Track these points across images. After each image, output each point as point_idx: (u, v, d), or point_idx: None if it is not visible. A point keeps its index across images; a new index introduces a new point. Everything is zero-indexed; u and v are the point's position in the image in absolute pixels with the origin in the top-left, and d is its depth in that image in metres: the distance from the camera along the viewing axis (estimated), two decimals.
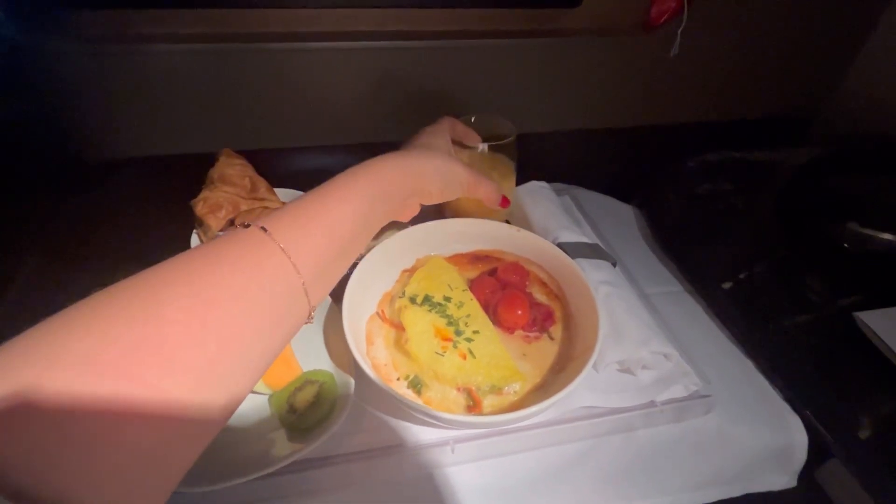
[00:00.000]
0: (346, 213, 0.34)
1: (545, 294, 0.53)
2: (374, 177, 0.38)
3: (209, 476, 0.36)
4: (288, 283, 0.29)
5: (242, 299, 0.25)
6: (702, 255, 0.64)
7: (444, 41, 0.63)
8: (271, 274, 0.28)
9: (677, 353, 0.48)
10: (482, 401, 0.42)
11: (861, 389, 0.49)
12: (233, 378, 0.25)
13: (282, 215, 0.31)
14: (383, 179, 0.38)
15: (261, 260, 0.27)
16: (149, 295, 0.23)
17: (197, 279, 0.25)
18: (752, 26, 0.76)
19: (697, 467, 0.46)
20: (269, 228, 0.29)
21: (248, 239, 0.28)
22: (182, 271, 0.25)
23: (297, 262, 0.29)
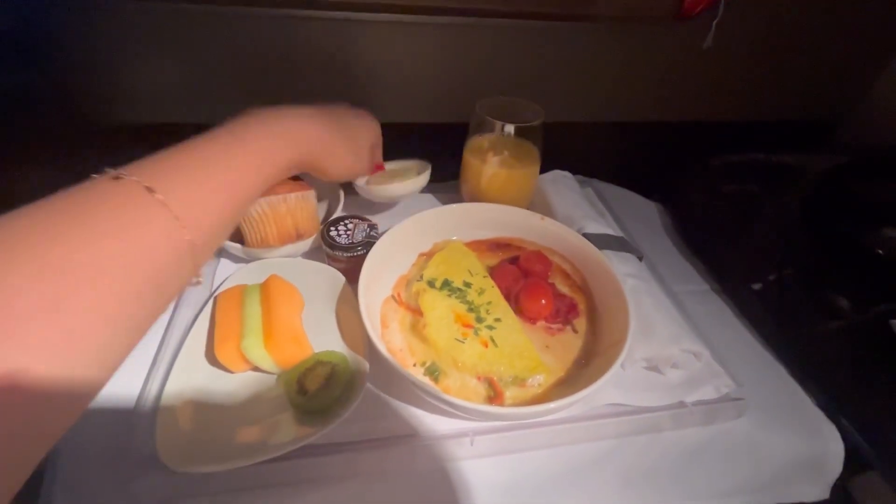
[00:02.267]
0: (251, 173, 0.33)
1: (568, 286, 0.51)
2: (295, 142, 0.38)
3: (211, 457, 0.34)
4: (173, 248, 0.26)
5: (115, 266, 0.22)
6: (729, 254, 0.62)
7: (472, 18, 0.61)
8: (153, 239, 0.25)
9: (708, 352, 0.46)
10: (504, 392, 0.40)
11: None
12: (101, 350, 0.23)
13: (172, 167, 0.28)
14: (302, 146, 0.39)
15: (141, 224, 0.24)
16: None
17: (58, 242, 0.21)
18: (786, 24, 0.74)
19: (725, 474, 0.44)
20: (156, 185, 0.25)
21: (127, 197, 0.25)
22: (41, 229, 0.21)
23: (189, 224, 0.26)
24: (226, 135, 0.34)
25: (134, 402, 0.39)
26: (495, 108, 0.54)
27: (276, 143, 0.36)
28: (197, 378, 0.40)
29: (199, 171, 0.29)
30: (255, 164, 0.34)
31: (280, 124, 0.37)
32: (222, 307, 0.43)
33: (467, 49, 0.65)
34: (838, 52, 0.78)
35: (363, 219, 0.52)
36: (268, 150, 0.35)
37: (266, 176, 0.35)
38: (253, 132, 0.35)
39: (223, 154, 0.32)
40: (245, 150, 0.34)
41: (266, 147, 0.35)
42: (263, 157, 0.35)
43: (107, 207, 0.24)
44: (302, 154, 0.39)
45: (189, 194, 0.28)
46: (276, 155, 0.36)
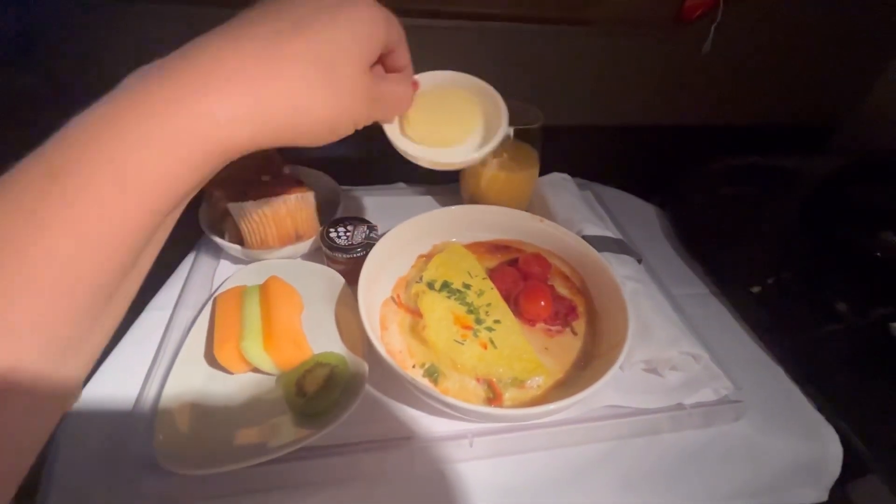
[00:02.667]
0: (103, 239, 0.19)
1: (567, 288, 0.51)
2: (208, 135, 0.21)
3: (209, 459, 0.34)
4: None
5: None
6: (728, 258, 0.62)
7: (471, 22, 0.61)
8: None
9: (707, 354, 0.46)
10: (503, 393, 0.40)
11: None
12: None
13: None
14: (225, 138, 0.21)
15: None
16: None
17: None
18: (785, 29, 0.74)
19: (724, 476, 0.44)
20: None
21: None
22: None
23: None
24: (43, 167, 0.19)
25: (132, 403, 0.39)
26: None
27: (163, 161, 0.20)
28: (196, 379, 0.40)
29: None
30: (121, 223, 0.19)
31: (188, 118, 0.20)
32: (222, 308, 0.43)
33: (467, 52, 0.65)
34: (836, 57, 0.79)
35: (362, 220, 0.52)
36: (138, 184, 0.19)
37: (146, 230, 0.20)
38: (109, 146, 0.19)
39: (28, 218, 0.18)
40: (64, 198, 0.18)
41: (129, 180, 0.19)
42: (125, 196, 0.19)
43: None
44: (239, 150, 0.22)
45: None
46: (165, 182, 0.20)
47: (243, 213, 0.47)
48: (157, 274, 0.51)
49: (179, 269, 0.53)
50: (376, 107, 0.29)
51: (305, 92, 0.23)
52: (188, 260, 0.54)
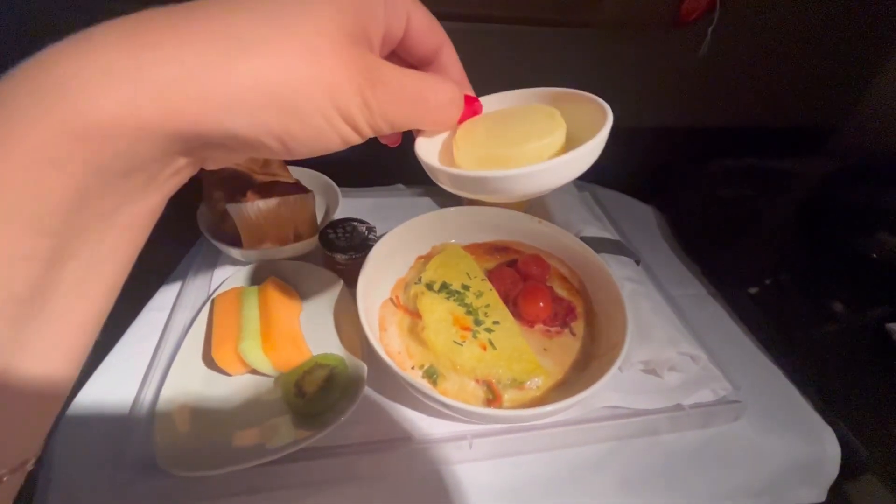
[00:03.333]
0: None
1: (566, 289, 0.51)
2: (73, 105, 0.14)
3: (208, 460, 0.34)
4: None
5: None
6: (726, 259, 0.62)
7: (469, 24, 0.61)
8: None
9: (706, 355, 0.46)
10: (503, 395, 0.40)
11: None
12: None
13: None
14: (128, 123, 0.15)
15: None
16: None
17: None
18: (781, 31, 0.75)
19: (723, 477, 0.44)
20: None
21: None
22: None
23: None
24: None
25: (130, 405, 0.39)
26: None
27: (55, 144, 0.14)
28: (194, 381, 0.40)
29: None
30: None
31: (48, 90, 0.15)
32: (220, 309, 0.43)
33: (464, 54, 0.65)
34: (832, 60, 0.79)
35: (361, 221, 0.52)
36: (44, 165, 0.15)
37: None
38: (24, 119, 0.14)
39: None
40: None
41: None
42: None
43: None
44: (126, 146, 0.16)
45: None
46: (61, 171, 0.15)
47: (242, 214, 0.47)
48: (156, 275, 0.51)
49: (178, 270, 0.53)
50: (381, 92, 0.19)
51: (222, 47, 0.16)
52: (186, 261, 0.54)
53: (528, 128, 0.25)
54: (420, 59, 0.24)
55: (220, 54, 0.16)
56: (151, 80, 0.15)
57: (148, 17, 0.16)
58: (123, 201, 0.17)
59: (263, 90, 0.17)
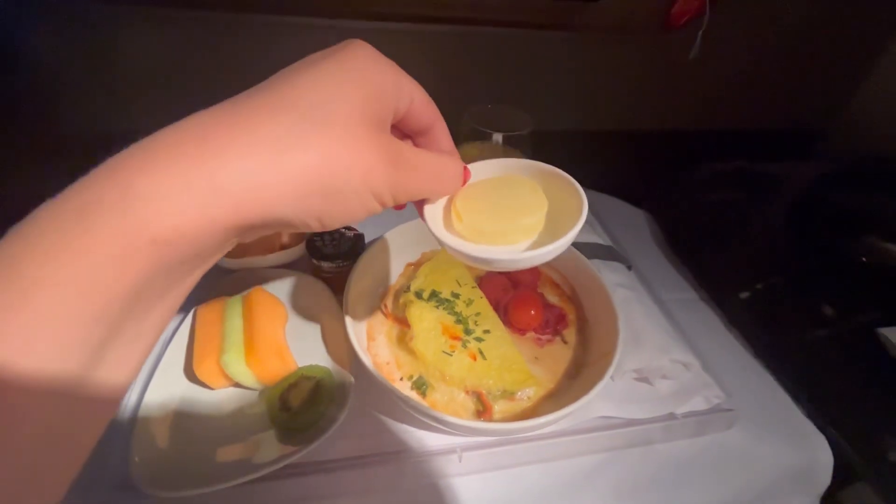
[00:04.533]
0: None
1: (557, 296, 0.50)
2: (138, 221, 0.16)
3: (189, 479, 0.32)
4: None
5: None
6: (717, 263, 0.62)
7: (461, 27, 0.61)
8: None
9: (698, 362, 0.45)
10: (493, 406, 0.39)
11: (889, 409, 0.46)
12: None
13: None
14: (157, 223, 0.17)
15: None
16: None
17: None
18: (771, 35, 0.75)
19: (716, 486, 0.43)
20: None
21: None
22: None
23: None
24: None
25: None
26: (484, 117, 0.54)
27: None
28: (175, 395, 0.38)
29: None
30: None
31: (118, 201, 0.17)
32: (202, 321, 0.42)
33: (456, 57, 0.65)
34: (822, 63, 0.80)
35: (349, 228, 0.51)
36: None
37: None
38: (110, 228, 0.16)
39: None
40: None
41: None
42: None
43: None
44: (196, 235, 0.18)
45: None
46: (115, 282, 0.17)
47: None
48: None
49: None
50: (403, 172, 0.22)
51: (271, 143, 0.18)
52: None
53: (519, 203, 0.29)
54: (416, 132, 0.27)
55: (271, 153, 0.18)
56: (220, 188, 0.18)
57: (204, 124, 0.19)
58: (176, 284, 0.20)
59: (310, 180, 0.19)
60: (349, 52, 0.22)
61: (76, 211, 0.17)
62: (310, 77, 0.20)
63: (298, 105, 0.19)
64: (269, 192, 0.18)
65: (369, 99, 0.21)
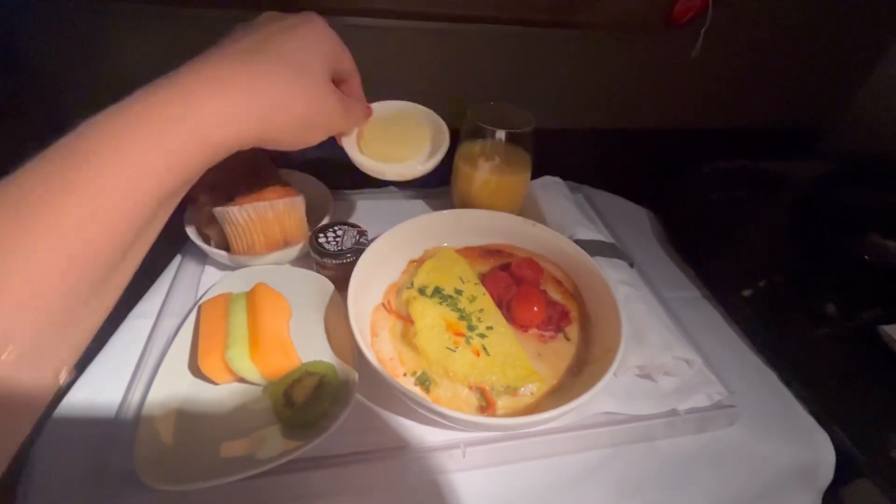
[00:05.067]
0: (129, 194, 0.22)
1: (560, 293, 0.50)
2: (201, 128, 0.25)
3: (193, 473, 0.32)
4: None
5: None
6: (720, 261, 0.62)
7: (463, 24, 0.61)
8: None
9: (700, 359, 0.45)
10: (496, 402, 0.39)
11: (891, 406, 0.46)
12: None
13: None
14: (215, 132, 0.25)
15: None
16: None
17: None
18: (773, 33, 0.75)
19: (718, 482, 0.43)
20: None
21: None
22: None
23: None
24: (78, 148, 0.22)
25: (113, 415, 0.38)
26: (487, 115, 0.54)
27: (174, 155, 0.24)
28: (179, 390, 0.39)
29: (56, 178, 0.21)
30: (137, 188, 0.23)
31: (185, 113, 0.24)
32: (207, 316, 0.42)
33: (459, 55, 0.65)
34: (824, 61, 0.80)
35: (352, 225, 0.51)
36: (161, 166, 0.24)
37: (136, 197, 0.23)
38: (130, 137, 0.23)
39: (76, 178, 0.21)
40: (116, 169, 0.22)
41: (157, 163, 0.23)
42: (153, 173, 0.23)
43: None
44: (228, 145, 0.27)
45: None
46: (177, 167, 0.24)
47: (229, 218, 0.46)
48: (141, 282, 0.50)
49: (163, 276, 0.52)
50: (345, 114, 0.35)
51: (283, 89, 0.29)
52: (173, 266, 0.52)
53: (407, 134, 0.45)
54: (339, 81, 0.36)
55: (283, 99, 0.29)
56: (254, 116, 0.27)
57: (236, 70, 0.27)
58: (173, 204, 0.27)
59: (302, 118, 0.31)
60: (314, 24, 0.32)
61: (140, 113, 0.24)
62: (293, 43, 0.30)
63: (291, 63, 0.29)
64: (279, 122, 0.29)
65: (329, 61, 0.33)
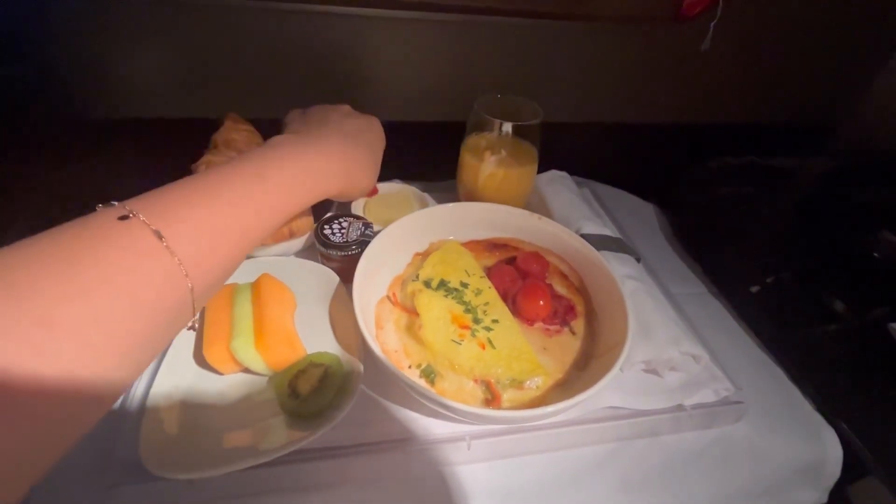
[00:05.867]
0: (267, 216, 0.30)
1: (565, 287, 0.50)
2: (321, 178, 0.35)
3: (198, 462, 0.32)
4: (174, 297, 0.25)
5: (109, 319, 0.22)
6: (727, 257, 0.62)
7: (471, 16, 0.60)
8: (154, 289, 0.23)
9: (707, 355, 0.45)
10: (502, 395, 0.39)
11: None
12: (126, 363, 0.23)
13: (184, 204, 0.26)
14: (329, 183, 0.36)
15: (144, 273, 0.23)
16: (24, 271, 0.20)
17: (50, 287, 0.20)
18: (784, 27, 0.74)
19: (723, 479, 0.43)
20: (164, 227, 0.24)
21: (131, 240, 0.23)
22: (35, 271, 0.20)
23: (193, 272, 0.25)
24: (245, 172, 0.30)
25: (117, 404, 0.38)
26: (494, 107, 0.54)
27: (298, 183, 0.33)
28: (184, 380, 0.39)
29: (212, 213, 0.27)
30: (273, 206, 0.31)
31: (305, 159, 0.34)
32: (212, 306, 0.42)
33: (466, 47, 0.64)
34: (835, 56, 0.79)
35: (358, 217, 0.51)
36: (289, 190, 0.32)
37: (283, 217, 0.32)
38: (275, 169, 0.32)
39: (241, 194, 0.29)
40: (265, 189, 0.30)
41: (288, 187, 0.32)
42: (283, 198, 0.32)
43: (110, 251, 0.22)
44: (326, 191, 0.36)
45: (199, 238, 0.26)
46: (297, 195, 0.33)
47: None
48: None
49: None
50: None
51: (363, 172, 0.40)
52: None
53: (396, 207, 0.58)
54: None
55: (358, 174, 0.40)
56: (343, 182, 0.38)
57: (333, 153, 0.38)
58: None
59: (351, 184, 0.39)
60: (379, 127, 0.45)
61: (257, 176, 0.31)
62: (370, 138, 0.42)
63: (370, 155, 0.42)
64: (351, 190, 0.39)
65: (379, 153, 0.44)
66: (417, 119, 0.68)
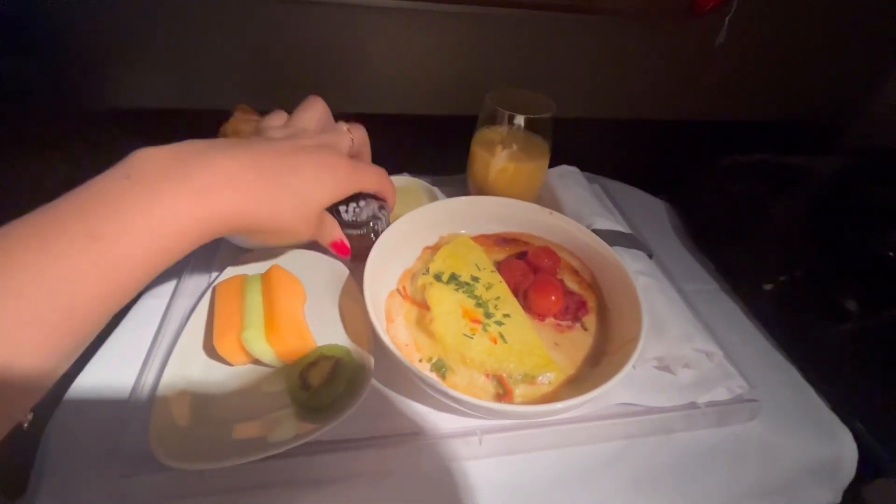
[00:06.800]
0: (130, 263, 0.25)
1: (577, 282, 0.50)
2: (214, 214, 0.28)
3: (208, 453, 0.32)
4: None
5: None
6: (739, 255, 0.61)
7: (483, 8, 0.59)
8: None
9: (721, 352, 0.45)
10: (514, 389, 0.39)
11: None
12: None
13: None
14: (226, 216, 0.28)
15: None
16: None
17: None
18: (798, 23, 0.73)
19: (736, 478, 0.43)
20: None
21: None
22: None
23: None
24: (70, 225, 0.23)
25: (127, 394, 0.38)
26: (505, 100, 0.53)
27: (180, 212, 0.26)
28: (194, 370, 0.38)
29: (37, 271, 0.22)
30: (143, 245, 0.25)
31: (191, 177, 0.27)
32: (222, 297, 0.42)
33: (478, 39, 0.63)
34: (849, 53, 0.78)
35: (375, 198, 0.48)
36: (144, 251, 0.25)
37: (160, 260, 0.26)
38: (116, 223, 0.24)
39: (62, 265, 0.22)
40: (99, 253, 0.23)
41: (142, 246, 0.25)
42: (159, 232, 0.25)
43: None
44: (224, 222, 0.29)
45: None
46: (179, 229, 0.26)
47: None
48: None
49: None
50: (317, 234, 0.37)
51: (283, 209, 0.32)
52: None
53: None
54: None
55: (275, 216, 0.32)
56: (246, 215, 0.30)
57: (255, 175, 0.30)
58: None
59: (288, 227, 0.33)
60: (332, 156, 0.36)
61: (150, 189, 0.26)
62: (306, 174, 0.33)
63: (297, 194, 0.33)
64: (268, 229, 0.32)
65: (331, 197, 0.35)
66: (427, 112, 0.67)
